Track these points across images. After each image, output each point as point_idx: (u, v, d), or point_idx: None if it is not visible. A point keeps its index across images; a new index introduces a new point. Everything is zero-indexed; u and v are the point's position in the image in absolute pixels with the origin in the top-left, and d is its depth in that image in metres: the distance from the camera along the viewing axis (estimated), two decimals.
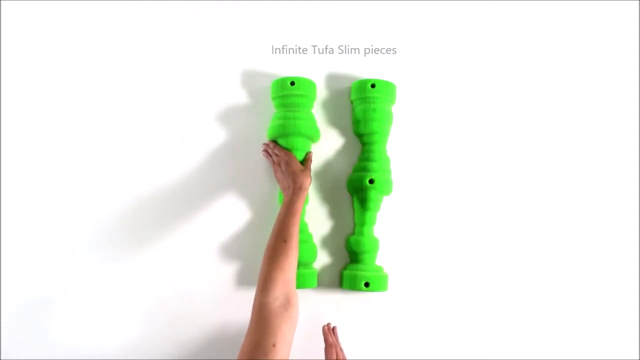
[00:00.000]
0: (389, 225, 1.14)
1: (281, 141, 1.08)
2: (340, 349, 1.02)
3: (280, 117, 1.08)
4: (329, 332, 1.03)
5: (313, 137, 1.10)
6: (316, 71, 1.17)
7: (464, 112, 1.18)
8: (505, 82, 1.19)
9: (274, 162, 1.10)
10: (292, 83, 1.08)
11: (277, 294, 0.86)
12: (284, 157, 1.07)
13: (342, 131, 1.17)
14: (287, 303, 0.86)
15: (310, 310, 1.11)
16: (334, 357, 0.99)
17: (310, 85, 1.10)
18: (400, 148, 1.15)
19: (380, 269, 1.10)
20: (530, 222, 1.16)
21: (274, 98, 1.11)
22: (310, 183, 1.06)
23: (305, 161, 1.10)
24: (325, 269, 1.13)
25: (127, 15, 1.19)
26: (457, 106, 1.18)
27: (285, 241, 0.94)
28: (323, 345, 0.99)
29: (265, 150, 1.12)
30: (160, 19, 1.19)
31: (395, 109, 1.15)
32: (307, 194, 1.08)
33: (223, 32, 1.18)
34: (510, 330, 1.13)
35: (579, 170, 1.17)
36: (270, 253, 0.93)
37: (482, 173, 1.16)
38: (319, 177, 1.16)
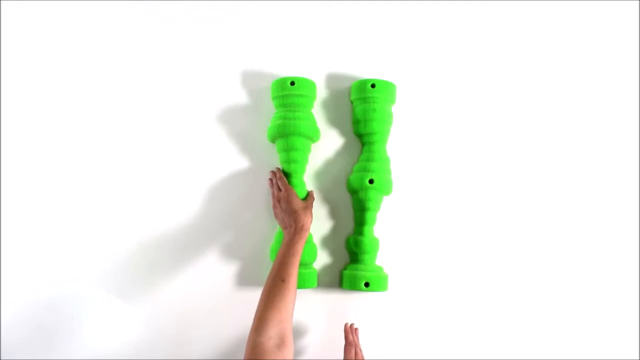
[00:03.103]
0: (389, 225, 1.14)
1: (281, 141, 1.08)
2: (360, 349, 1.02)
3: (280, 117, 1.08)
4: (350, 331, 1.04)
5: (313, 137, 1.10)
6: (316, 71, 1.17)
7: (464, 112, 1.18)
8: (506, 82, 1.19)
9: (274, 195, 1.09)
10: (292, 83, 1.08)
11: (271, 333, 0.86)
12: (285, 194, 1.05)
13: (342, 131, 1.17)
14: (281, 343, 0.85)
15: (311, 310, 1.11)
16: (352, 356, 1.00)
17: (310, 85, 1.10)
18: (400, 148, 1.15)
19: (380, 269, 1.10)
20: (530, 222, 1.16)
21: (274, 98, 1.11)
22: (311, 222, 1.05)
23: (307, 199, 1.09)
24: (325, 269, 1.13)
25: (127, 16, 1.19)
26: (457, 106, 1.18)
27: (283, 280, 0.93)
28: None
29: (271, 179, 1.11)
30: (160, 19, 1.19)
31: (395, 109, 1.15)
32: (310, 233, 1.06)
33: (223, 32, 1.18)
34: (510, 330, 1.13)
35: (579, 170, 1.17)
36: (267, 292, 0.92)
37: (482, 173, 1.16)
38: (319, 177, 1.16)
